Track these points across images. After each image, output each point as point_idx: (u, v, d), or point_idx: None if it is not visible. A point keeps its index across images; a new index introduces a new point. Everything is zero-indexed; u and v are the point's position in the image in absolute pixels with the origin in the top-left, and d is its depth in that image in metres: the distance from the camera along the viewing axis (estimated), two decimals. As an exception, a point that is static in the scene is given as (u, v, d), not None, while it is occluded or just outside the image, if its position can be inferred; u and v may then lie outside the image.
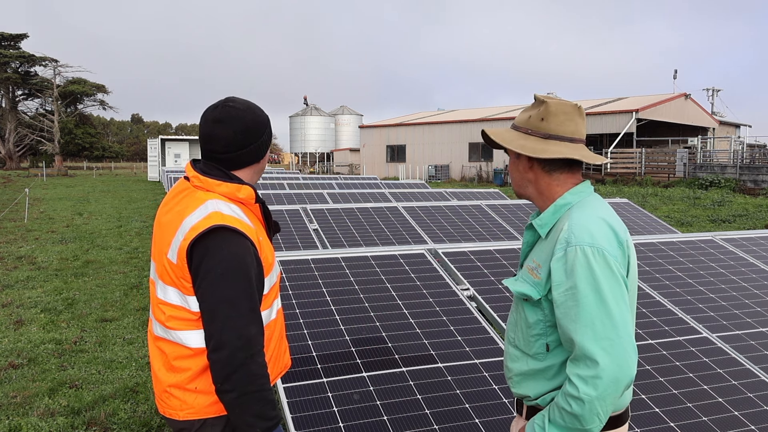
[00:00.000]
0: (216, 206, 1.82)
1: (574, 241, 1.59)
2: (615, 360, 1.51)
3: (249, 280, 1.77)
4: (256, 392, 1.76)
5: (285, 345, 2.09)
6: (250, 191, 1.88)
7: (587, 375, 1.52)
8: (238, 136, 1.86)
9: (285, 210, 6.58)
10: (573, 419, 1.55)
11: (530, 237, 1.82)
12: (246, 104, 1.93)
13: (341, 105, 67.36)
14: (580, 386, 1.53)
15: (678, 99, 35.34)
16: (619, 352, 1.52)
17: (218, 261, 1.75)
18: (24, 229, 13.69)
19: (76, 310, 6.88)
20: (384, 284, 3.52)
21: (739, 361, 3.14)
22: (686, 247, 4.44)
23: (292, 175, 16.79)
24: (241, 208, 1.88)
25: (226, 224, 1.77)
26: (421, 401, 2.65)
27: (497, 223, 7.00)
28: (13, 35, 50.96)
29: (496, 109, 43.50)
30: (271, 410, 1.79)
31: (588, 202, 1.70)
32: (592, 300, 1.54)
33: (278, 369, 2.04)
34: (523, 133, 1.74)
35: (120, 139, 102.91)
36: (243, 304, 1.76)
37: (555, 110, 1.72)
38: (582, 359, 1.54)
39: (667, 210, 17.77)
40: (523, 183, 1.79)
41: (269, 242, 1.95)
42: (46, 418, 4.14)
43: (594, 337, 1.53)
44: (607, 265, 1.56)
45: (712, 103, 47.03)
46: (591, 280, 1.55)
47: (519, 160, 1.78)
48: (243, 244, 1.78)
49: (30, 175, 41.11)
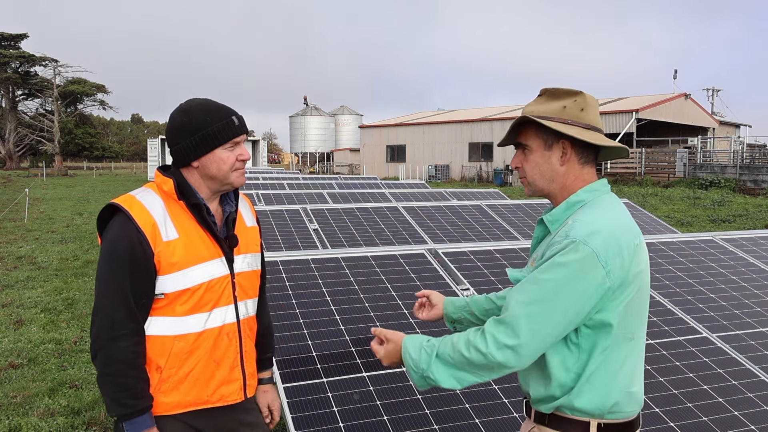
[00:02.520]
0: (136, 191, 1.90)
1: (572, 235, 1.56)
2: (532, 344, 1.52)
3: (121, 265, 1.78)
4: (111, 376, 1.76)
5: (224, 376, 1.93)
6: (171, 185, 1.88)
7: (504, 342, 1.52)
8: (168, 135, 1.92)
9: (285, 210, 6.58)
10: (465, 364, 1.57)
11: (540, 232, 1.78)
12: (183, 105, 1.92)
13: (341, 105, 67.39)
14: (491, 346, 1.53)
15: (678, 99, 35.35)
16: (539, 341, 1.52)
17: (105, 241, 1.83)
18: (24, 229, 13.69)
19: (76, 310, 6.88)
20: (384, 284, 3.52)
21: (739, 361, 3.14)
22: (686, 247, 4.44)
23: (292, 175, 16.77)
24: (166, 200, 1.88)
25: (117, 203, 1.83)
26: (421, 401, 2.65)
27: (497, 223, 7.00)
28: (13, 35, 50.96)
29: (496, 109, 43.49)
30: (128, 398, 1.77)
31: (601, 201, 1.66)
32: (552, 284, 1.52)
33: (201, 395, 1.89)
34: (561, 123, 1.66)
35: (120, 139, 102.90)
36: (111, 286, 1.78)
37: (591, 102, 1.69)
38: (507, 324, 1.54)
39: (667, 210, 17.77)
40: (552, 176, 1.70)
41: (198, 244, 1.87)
42: (46, 418, 4.14)
43: (529, 314, 1.52)
44: (585, 263, 1.52)
45: (712, 103, 47.08)
46: (564, 267, 1.52)
47: (552, 151, 1.69)
48: (126, 226, 1.79)
49: (30, 175, 41.10)
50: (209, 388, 1.91)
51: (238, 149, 1.92)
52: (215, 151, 1.87)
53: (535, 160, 1.72)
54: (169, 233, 1.83)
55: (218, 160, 1.88)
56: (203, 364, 1.89)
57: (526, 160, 1.75)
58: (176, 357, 1.85)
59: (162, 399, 1.85)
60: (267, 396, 2.20)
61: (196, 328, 1.87)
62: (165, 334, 1.84)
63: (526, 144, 1.74)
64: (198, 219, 1.89)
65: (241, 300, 1.99)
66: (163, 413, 1.86)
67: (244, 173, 1.97)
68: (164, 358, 1.84)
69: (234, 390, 1.97)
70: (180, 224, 1.86)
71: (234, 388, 1.97)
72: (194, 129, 1.85)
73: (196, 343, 1.87)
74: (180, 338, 1.85)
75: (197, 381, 1.88)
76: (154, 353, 1.84)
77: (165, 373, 1.85)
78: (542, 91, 1.75)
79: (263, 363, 2.19)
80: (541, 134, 1.71)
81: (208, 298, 1.88)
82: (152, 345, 1.84)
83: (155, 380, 1.85)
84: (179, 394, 1.87)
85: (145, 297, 1.81)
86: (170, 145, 1.90)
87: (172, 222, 1.84)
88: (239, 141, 1.92)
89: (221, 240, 1.93)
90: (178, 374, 1.86)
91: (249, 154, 2.00)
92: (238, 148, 1.91)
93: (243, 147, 1.94)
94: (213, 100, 1.94)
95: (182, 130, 1.86)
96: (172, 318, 1.84)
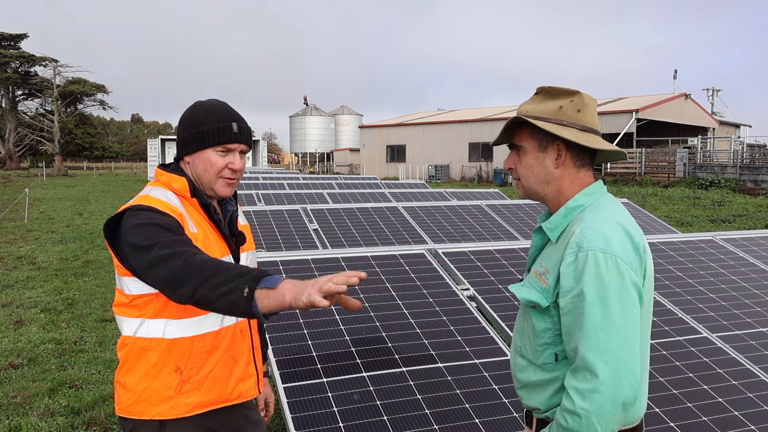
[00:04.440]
0: (148, 191, 1.85)
1: (585, 245, 1.49)
2: (615, 374, 1.42)
3: (170, 229, 1.67)
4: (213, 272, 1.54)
5: (241, 372, 1.94)
6: (184, 183, 1.84)
7: (584, 388, 1.43)
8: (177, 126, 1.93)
9: (285, 210, 6.57)
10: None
11: (539, 241, 1.72)
12: (197, 102, 1.94)
13: (341, 105, 67.39)
14: (577, 400, 1.44)
15: (678, 99, 35.35)
16: (620, 365, 1.42)
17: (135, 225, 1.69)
18: (24, 229, 13.69)
19: (76, 310, 6.88)
20: (384, 284, 3.52)
21: (739, 361, 3.14)
22: (686, 247, 4.44)
23: (292, 175, 16.76)
24: (179, 198, 1.85)
25: (135, 205, 1.75)
26: (421, 401, 2.65)
27: (497, 223, 7.00)
28: (13, 35, 50.98)
29: (497, 109, 43.49)
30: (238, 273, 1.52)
31: (602, 204, 1.61)
32: (598, 309, 1.45)
33: (222, 393, 1.88)
34: (556, 124, 1.60)
35: (120, 139, 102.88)
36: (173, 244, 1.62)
37: (588, 102, 1.63)
38: (581, 371, 1.45)
39: (667, 210, 17.77)
40: (547, 179, 1.65)
41: (212, 241, 1.86)
42: (46, 418, 4.14)
43: (596, 348, 1.43)
44: (618, 272, 1.46)
45: (712, 103, 47.06)
46: (599, 288, 1.46)
47: (546, 153, 1.63)
48: (156, 211, 1.72)
49: (30, 175, 41.10)
50: (229, 386, 1.90)
51: (231, 157, 1.86)
52: (205, 151, 1.85)
53: (529, 162, 1.66)
54: (192, 227, 1.82)
55: (206, 161, 1.85)
56: (223, 363, 1.88)
57: (519, 161, 1.69)
58: (196, 357, 1.83)
59: (183, 400, 1.83)
60: (265, 389, 2.25)
61: (214, 327, 1.85)
62: (184, 335, 1.82)
63: (520, 145, 1.68)
64: (209, 217, 1.89)
65: None
66: (183, 415, 1.83)
67: (233, 184, 1.89)
68: (184, 360, 1.82)
69: (251, 386, 1.98)
70: (195, 221, 1.85)
71: (250, 383, 1.98)
72: (192, 124, 1.86)
73: (215, 342, 1.86)
74: (199, 338, 1.83)
75: (218, 379, 1.87)
76: (174, 356, 1.81)
77: (185, 374, 1.82)
78: (539, 89, 1.69)
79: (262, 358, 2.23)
80: (535, 135, 1.64)
81: None
82: (172, 348, 1.80)
83: (176, 382, 1.81)
84: (201, 395, 1.84)
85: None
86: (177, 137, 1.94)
87: (190, 218, 1.84)
88: (234, 149, 1.87)
89: (229, 238, 1.93)
90: (200, 374, 1.84)
91: (243, 165, 1.90)
92: (230, 156, 1.86)
93: (237, 156, 1.88)
94: (226, 105, 1.92)
95: (183, 123, 1.89)
96: (190, 319, 1.82)
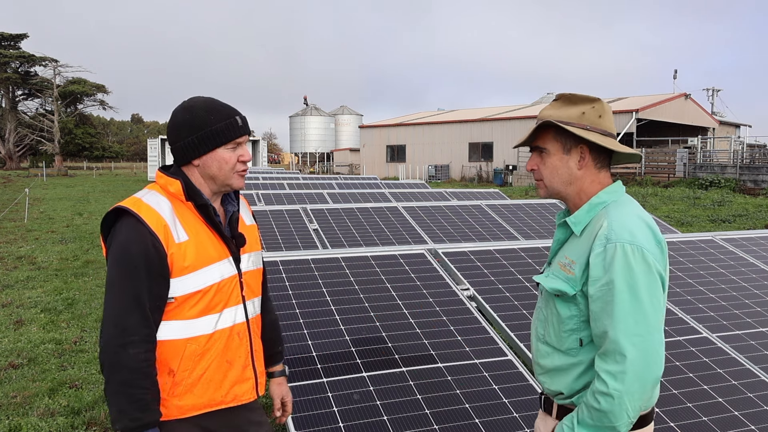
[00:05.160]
0: (141, 193, 1.85)
1: (614, 238, 1.62)
2: (643, 355, 1.55)
3: (136, 268, 1.72)
4: (120, 384, 1.69)
5: (237, 375, 1.94)
6: (178, 187, 1.84)
7: (616, 370, 1.56)
8: (169, 132, 1.88)
9: (285, 210, 6.57)
10: (602, 416, 1.57)
11: (562, 234, 1.84)
12: (186, 102, 1.89)
13: (341, 105, 67.39)
14: (610, 381, 1.56)
15: (678, 99, 35.35)
16: (648, 347, 1.56)
17: (114, 245, 1.76)
18: (24, 229, 13.69)
19: (76, 310, 6.88)
20: (384, 284, 3.52)
21: (739, 361, 3.14)
22: (686, 247, 4.44)
23: (292, 175, 16.76)
24: (173, 201, 1.84)
25: (125, 206, 1.77)
26: (421, 401, 2.65)
27: (497, 223, 7.00)
28: (13, 35, 50.98)
29: (497, 109, 43.49)
30: (136, 410, 1.68)
31: (624, 201, 1.74)
32: (627, 296, 1.58)
33: (215, 396, 1.89)
34: (580, 128, 1.73)
35: (120, 139, 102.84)
36: (124, 292, 1.72)
37: (607, 109, 1.77)
38: (611, 354, 1.58)
39: (667, 210, 17.77)
40: (570, 180, 1.77)
41: (207, 245, 1.85)
42: (46, 418, 4.14)
43: (626, 332, 1.56)
44: (645, 262, 1.60)
45: (712, 103, 47.05)
46: (628, 277, 1.59)
47: (570, 155, 1.76)
48: (138, 230, 1.74)
49: (30, 175, 41.10)
50: (223, 389, 1.90)
51: (240, 150, 1.89)
52: (217, 151, 1.85)
53: (553, 163, 1.78)
54: (180, 235, 1.80)
55: (220, 160, 1.86)
56: (216, 365, 1.88)
57: (543, 162, 1.80)
58: (189, 359, 1.83)
59: (176, 402, 1.83)
60: (281, 388, 2.21)
61: (207, 330, 1.85)
62: (176, 337, 1.82)
63: (544, 147, 1.79)
64: (206, 219, 1.88)
65: (248, 299, 1.99)
66: (177, 417, 1.83)
67: (245, 175, 1.94)
68: (177, 362, 1.82)
69: (247, 389, 1.97)
70: (189, 226, 1.84)
71: (247, 387, 1.97)
72: (196, 127, 1.83)
73: (208, 345, 1.86)
74: (192, 341, 1.83)
75: (211, 382, 1.87)
76: (166, 357, 1.81)
77: (178, 376, 1.82)
78: (558, 96, 1.81)
79: (275, 357, 2.21)
80: (560, 138, 1.76)
81: (219, 299, 1.88)
82: (164, 349, 1.81)
83: (168, 384, 1.81)
84: (193, 397, 1.85)
85: (160, 299, 1.77)
86: (171, 143, 1.87)
87: (181, 224, 1.82)
88: (241, 142, 1.89)
89: (228, 240, 1.92)
90: (192, 377, 1.84)
91: (251, 156, 1.96)
92: (239, 149, 1.89)
93: (245, 148, 1.92)
94: (217, 99, 1.91)
95: (184, 127, 1.84)
96: (183, 321, 1.82)
